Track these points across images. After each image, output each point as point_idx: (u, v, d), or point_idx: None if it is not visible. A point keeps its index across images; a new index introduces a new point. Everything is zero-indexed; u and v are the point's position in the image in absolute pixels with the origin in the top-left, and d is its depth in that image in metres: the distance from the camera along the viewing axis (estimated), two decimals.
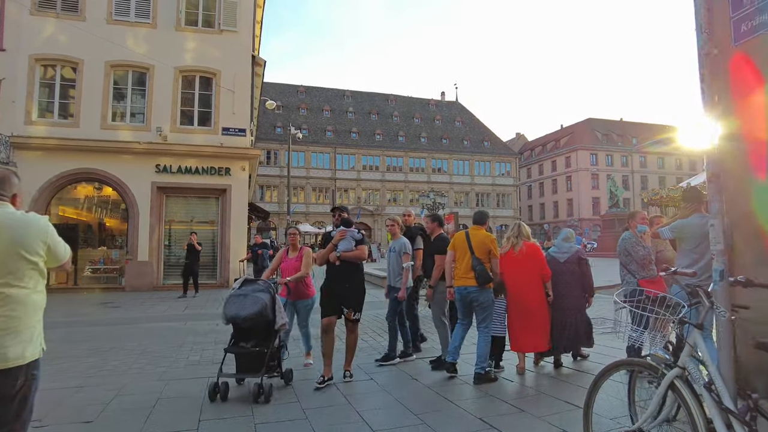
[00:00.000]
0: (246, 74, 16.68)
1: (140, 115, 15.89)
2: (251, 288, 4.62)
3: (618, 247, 5.01)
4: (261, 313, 4.36)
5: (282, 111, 56.78)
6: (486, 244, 4.98)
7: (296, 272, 5.29)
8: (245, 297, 4.46)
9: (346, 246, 4.87)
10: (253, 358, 4.42)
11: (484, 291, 4.89)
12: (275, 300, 4.55)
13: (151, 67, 15.67)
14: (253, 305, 4.37)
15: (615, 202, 37.97)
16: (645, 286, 4.59)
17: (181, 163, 15.75)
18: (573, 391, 4.46)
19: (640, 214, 5.03)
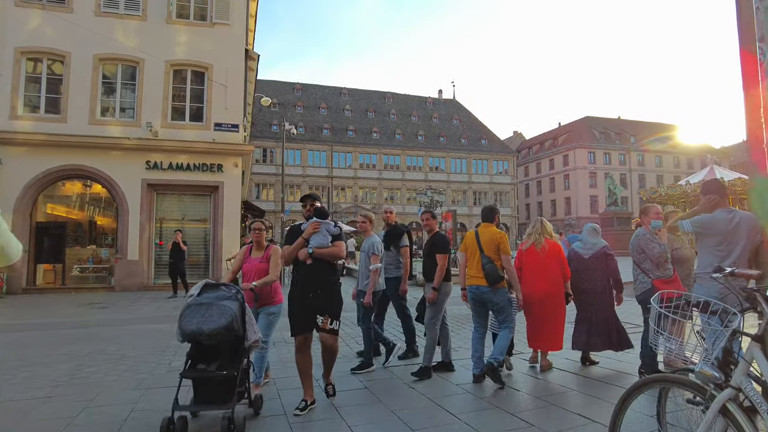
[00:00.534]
0: (239, 68, 16.27)
1: (130, 110, 15.45)
2: (215, 295, 3.62)
3: (631, 244, 4.65)
4: (229, 326, 3.42)
5: (278, 108, 56.27)
6: (495, 241, 4.75)
7: (262, 275, 4.38)
8: (209, 307, 3.48)
9: (320, 241, 3.98)
10: (218, 384, 3.48)
11: (498, 291, 4.71)
12: (245, 310, 3.67)
13: (141, 60, 15.23)
14: (220, 317, 3.42)
15: (614, 201, 37.69)
16: (660, 286, 4.24)
17: (172, 159, 15.33)
18: (587, 402, 4.10)
19: (654, 208, 4.64)
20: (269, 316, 4.49)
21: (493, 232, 4.85)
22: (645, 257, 4.48)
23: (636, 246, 4.56)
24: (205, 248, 15.71)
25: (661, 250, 4.36)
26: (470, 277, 4.85)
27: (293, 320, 4.01)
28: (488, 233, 4.84)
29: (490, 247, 4.74)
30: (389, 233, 6.00)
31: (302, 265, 4.00)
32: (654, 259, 4.38)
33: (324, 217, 4.11)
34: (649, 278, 4.39)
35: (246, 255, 4.64)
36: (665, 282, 4.30)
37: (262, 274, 4.40)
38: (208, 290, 3.69)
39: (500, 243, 4.75)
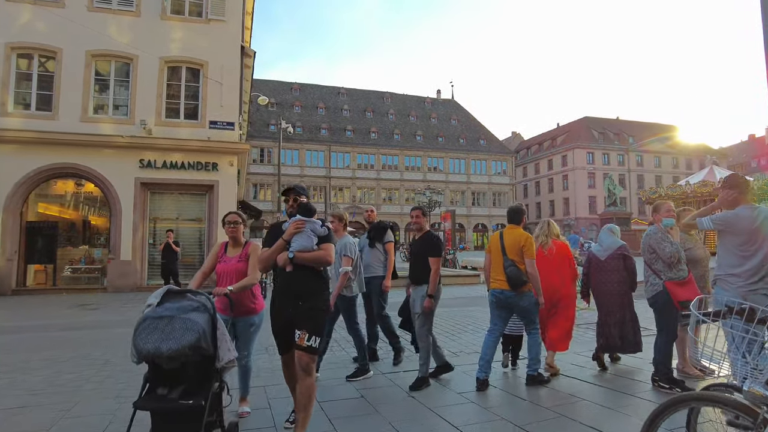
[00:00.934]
0: (235, 65, 15.98)
1: (123, 107, 15.14)
2: (179, 305, 2.84)
3: (642, 243, 4.38)
4: (196, 345, 2.71)
5: (276, 108, 56.00)
6: (519, 244, 4.60)
7: (240, 277, 3.73)
8: (171, 320, 2.73)
9: (303, 244, 3.28)
10: (182, 416, 2.77)
11: (523, 295, 4.56)
12: (216, 323, 2.90)
13: (135, 57, 14.93)
14: (184, 333, 2.70)
15: (613, 201, 37.49)
16: (672, 289, 3.99)
17: (166, 157, 15.04)
18: (597, 414, 3.83)
19: (666, 205, 4.38)
20: (250, 327, 3.89)
21: (518, 234, 4.68)
22: (656, 257, 4.21)
23: (647, 245, 4.30)
24: (200, 248, 15.42)
25: (673, 249, 4.09)
26: (494, 280, 4.72)
27: (278, 336, 3.38)
28: (513, 235, 4.69)
29: (514, 249, 4.59)
30: (373, 229, 5.82)
31: (282, 273, 3.32)
32: (666, 259, 4.12)
33: (309, 214, 3.41)
34: (660, 280, 4.13)
35: (220, 253, 3.96)
36: (679, 284, 4.04)
37: (240, 276, 3.73)
38: (171, 299, 2.91)
39: (524, 246, 4.59)
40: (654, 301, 4.22)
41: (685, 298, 3.95)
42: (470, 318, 8.49)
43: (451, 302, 10.92)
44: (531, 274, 4.53)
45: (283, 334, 3.29)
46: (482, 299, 11.27)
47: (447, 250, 22.29)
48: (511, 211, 4.88)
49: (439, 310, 9.45)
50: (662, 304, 4.14)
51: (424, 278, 4.62)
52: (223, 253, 3.95)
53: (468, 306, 10.27)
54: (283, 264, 3.25)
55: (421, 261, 4.70)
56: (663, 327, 4.18)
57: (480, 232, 60.73)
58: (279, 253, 3.29)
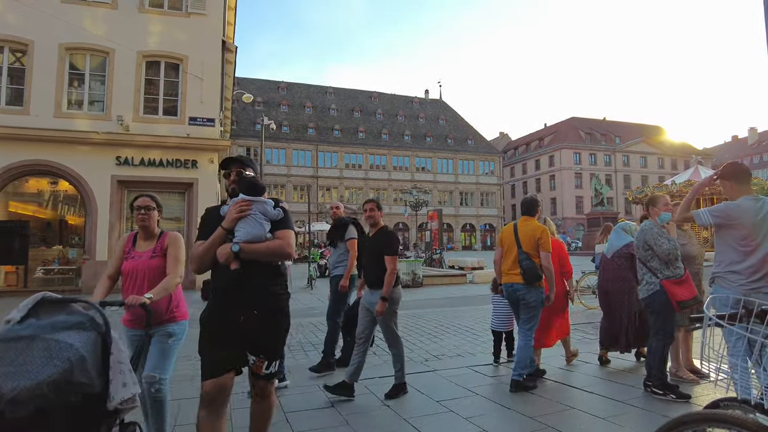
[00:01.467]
0: (215, 60, 15.56)
1: (99, 103, 14.64)
2: (49, 322, 1.81)
3: (636, 239, 4.11)
4: (62, 380, 1.66)
5: (263, 107, 55.38)
6: (534, 236, 4.42)
7: (156, 278, 2.92)
8: (29, 344, 1.71)
9: (252, 232, 2.46)
10: None
11: (533, 289, 4.37)
12: (108, 345, 1.87)
13: (112, 51, 14.44)
14: (46, 363, 1.67)
15: (600, 201, 37.56)
16: (670, 288, 3.72)
17: (143, 155, 14.57)
18: (589, 426, 3.55)
19: (663, 199, 4.11)
20: (168, 340, 2.93)
21: (534, 226, 4.50)
22: (652, 254, 3.93)
23: (642, 241, 4.01)
24: None
25: (671, 246, 3.82)
26: (506, 274, 4.54)
27: (206, 357, 2.44)
28: (528, 227, 4.49)
29: (530, 242, 4.40)
30: (334, 226, 5.49)
31: (224, 272, 2.45)
32: (663, 256, 3.85)
33: (255, 191, 2.55)
34: (657, 278, 3.85)
35: (127, 248, 3.10)
36: (676, 283, 3.78)
37: (154, 276, 2.92)
38: (42, 312, 1.88)
39: (540, 238, 4.40)
40: (650, 301, 3.93)
41: (683, 297, 3.68)
42: (455, 319, 8.20)
43: (436, 303, 10.65)
44: (546, 268, 4.36)
45: (219, 346, 2.42)
46: (469, 299, 11.03)
47: (434, 249, 22.05)
48: (526, 202, 4.70)
49: (423, 311, 9.30)
50: (659, 305, 3.86)
51: (380, 279, 4.18)
52: (131, 247, 3.09)
53: (454, 306, 10.00)
54: (225, 260, 2.40)
55: (376, 259, 4.24)
56: (659, 329, 3.91)
57: (468, 232, 60.68)
58: (218, 246, 2.43)
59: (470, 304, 10.27)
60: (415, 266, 14.31)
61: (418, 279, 14.06)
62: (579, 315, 8.32)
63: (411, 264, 14.44)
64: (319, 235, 43.90)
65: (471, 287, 14.03)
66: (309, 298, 12.12)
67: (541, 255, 4.37)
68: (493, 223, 61.67)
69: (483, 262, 20.89)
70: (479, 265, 20.40)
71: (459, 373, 4.85)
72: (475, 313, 8.81)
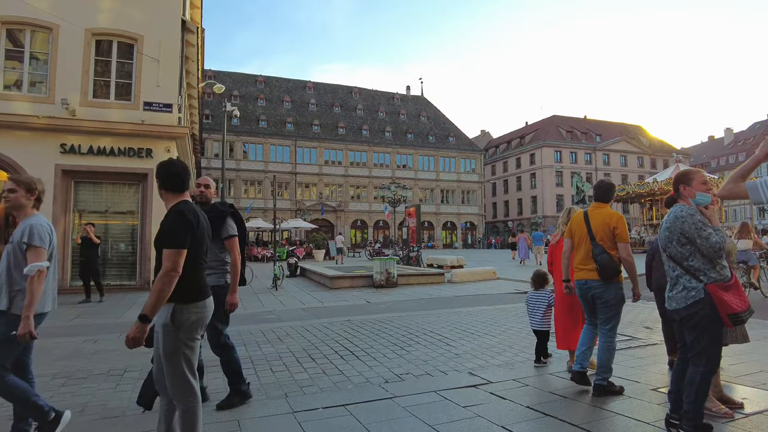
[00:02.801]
0: (174, 41, 14.28)
1: (41, 84, 13.25)
2: None
3: (666, 230, 3.06)
4: None
5: (239, 101, 53.81)
6: (609, 225, 3.91)
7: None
8: None
9: None
10: None
11: (610, 286, 3.87)
12: None
13: (56, 27, 13.05)
14: None
15: (581, 198, 37.04)
16: (718, 295, 2.74)
17: (92, 142, 13.23)
18: None
19: (699, 174, 3.08)
20: None
21: (607, 213, 3.99)
22: (693, 250, 2.92)
23: (677, 233, 2.96)
24: (132, 245, 13.68)
25: (720, 239, 2.81)
26: (577, 269, 4.05)
27: None
28: (600, 215, 3.99)
29: (604, 231, 3.91)
30: (211, 215, 3.65)
31: None
32: (710, 252, 2.84)
33: None
34: (700, 282, 2.86)
35: None
36: (724, 288, 2.80)
37: None
38: None
39: (616, 227, 3.89)
40: (690, 314, 2.90)
41: (736, 308, 2.71)
42: (428, 325, 7.20)
43: (409, 305, 9.65)
44: (626, 260, 3.85)
45: None
46: (446, 301, 10.04)
47: (411, 247, 21.09)
48: (599, 187, 4.18)
49: (392, 315, 8.26)
50: (703, 319, 2.85)
51: None
52: None
53: (428, 309, 8.98)
54: None
55: None
56: (701, 352, 2.90)
57: (449, 230, 60.05)
58: None
59: (447, 306, 9.30)
60: (389, 264, 13.30)
61: (392, 278, 13.06)
62: None
63: (385, 262, 13.43)
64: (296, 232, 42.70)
65: (449, 287, 13.08)
66: (271, 300, 11.02)
67: (619, 246, 3.87)
68: (474, 221, 61.13)
69: (462, 260, 19.97)
70: (458, 264, 19.49)
71: (424, 402, 3.83)
72: (452, 318, 7.83)
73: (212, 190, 4.02)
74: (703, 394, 2.89)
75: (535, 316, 4.93)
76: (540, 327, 4.88)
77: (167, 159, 2.71)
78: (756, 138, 74.93)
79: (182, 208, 2.58)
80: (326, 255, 29.87)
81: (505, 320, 7.55)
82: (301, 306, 9.89)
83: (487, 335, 6.42)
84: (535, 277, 5.09)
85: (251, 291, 12.52)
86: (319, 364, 5.07)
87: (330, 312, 8.95)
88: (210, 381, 4.46)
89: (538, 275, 5.06)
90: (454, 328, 6.90)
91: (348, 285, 13.24)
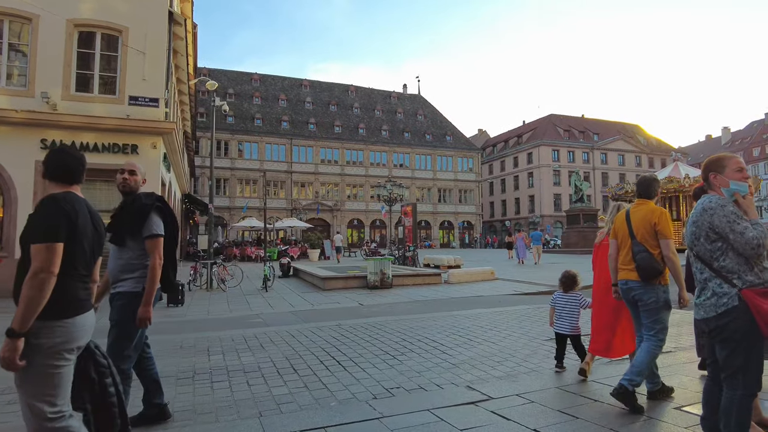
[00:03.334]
0: (161, 33, 13.76)
1: (21, 77, 12.71)
2: None
3: (692, 225, 2.58)
4: None
5: (234, 99, 53.25)
6: (650, 222, 3.59)
7: None
8: None
9: None
10: None
11: (651, 287, 3.54)
12: None
13: (35, 17, 12.52)
14: None
15: (580, 197, 36.67)
16: (756, 302, 2.27)
17: (75, 138, 12.69)
18: None
19: (734, 161, 2.59)
20: None
21: (648, 209, 3.65)
22: (725, 248, 2.44)
23: (706, 227, 2.49)
24: None
25: (759, 233, 2.33)
26: (620, 269, 3.79)
27: None
28: (642, 212, 3.67)
29: (644, 229, 3.60)
30: (123, 209, 3.19)
31: None
32: (747, 250, 2.36)
33: None
34: (734, 288, 2.38)
35: None
36: (764, 294, 2.31)
37: None
38: None
39: (658, 223, 3.57)
40: (723, 324, 2.40)
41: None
42: (423, 330, 6.72)
43: (404, 308, 9.17)
44: (669, 258, 3.50)
45: None
46: (444, 303, 9.54)
47: (407, 246, 20.62)
48: (641, 182, 3.85)
49: (386, 318, 7.77)
50: (738, 330, 2.36)
51: None
52: None
53: (424, 312, 8.51)
54: None
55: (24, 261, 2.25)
56: (737, 371, 2.41)
57: (446, 230, 59.62)
58: None
59: (443, 309, 8.83)
60: (384, 265, 12.82)
61: (387, 279, 12.58)
62: None
63: (380, 262, 12.95)
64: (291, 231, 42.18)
65: (446, 288, 12.61)
66: (259, 302, 10.52)
67: (661, 243, 3.55)
68: (471, 220, 60.72)
69: (460, 260, 19.51)
70: (456, 263, 19.03)
71: (416, 423, 3.35)
72: (448, 322, 7.35)
73: (138, 177, 3.30)
74: (744, 424, 2.41)
75: (563, 319, 4.62)
76: (568, 331, 4.58)
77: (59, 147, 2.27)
78: (753, 137, 74.81)
79: (57, 195, 2.13)
80: (321, 255, 29.36)
81: (505, 324, 7.07)
82: (290, 309, 9.40)
83: (487, 342, 5.94)
84: (564, 278, 4.75)
85: (240, 293, 12.03)
86: (301, 376, 4.58)
87: (320, 315, 8.46)
88: (176, 396, 3.98)
89: (568, 276, 4.74)
90: (450, 334, 6.42)
91: (341, 286, 12.75)
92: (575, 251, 32.56)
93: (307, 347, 5.76)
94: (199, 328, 7.34)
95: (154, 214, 3.15)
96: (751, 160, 70.93)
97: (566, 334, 4.58)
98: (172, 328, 7.51)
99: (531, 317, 7.68)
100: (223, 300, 10.85)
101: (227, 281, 13.05)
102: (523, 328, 6.78)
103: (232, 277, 13.31)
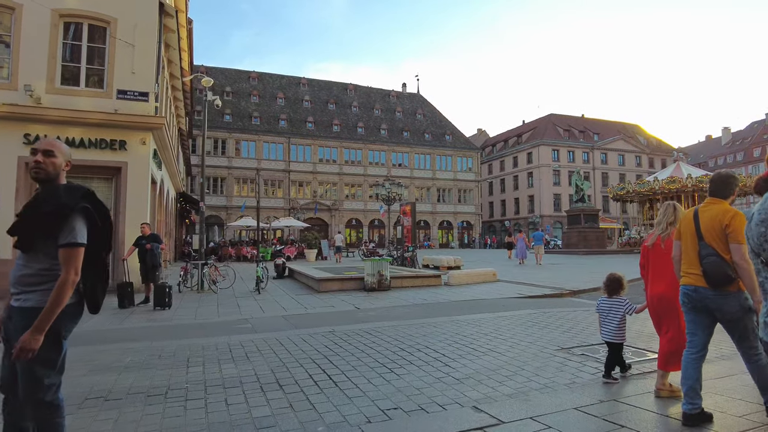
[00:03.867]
0: (150, 25, 13.27)
1: (3, 69, 12.20)
2: None
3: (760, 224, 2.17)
4: None
5: (232, 97, 52.73)
6: (721, 223, 3.17)
7: None
8: None
9: None
10: None
11: (728, 296, 3.12)
12: None
13: (18, 6, 12.01)
14: None
15: (580, 197, 36.23)
16: None
17: (60, 133, 12.17)
18: None
19: None
20: None
21: (720, 210, 3.22)
22: None
23: None
24: None
25: None
26: (685, 274, 3.41)
27: None
28: (712, 212, 3.25)
29: (714, 230, 3.20)
30: (32, 206, 2.42)
31: None
32: None
33: None
34: None
35: None
36: None
37: None
38: None
39: (729, 225, 3.13)
40: None
41: None
42: (423, 338, 6.23)
43: (402, 312, 8.67)
44: (740, 265, 3.05)
45: None
46: (444, 307, 9.03)
47: (406, 247, 20.13)
48: (715, 179, 3.39)
49: (383, 324, 7.28)
50: None
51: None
52: None
53: (424, 317, 8.00)
54: None
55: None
56: None
57: (445, 230, 59.16)
58: None
59: (444, 314, 8.34)
60: (382, 266, 12.32)
61: (385, 281, 12.09)
62: None
63: (377, 263, 12.44)
64: (289, 231, 41.65)
65: (446, 290, 12.12)
66: (250, 305, 10.02)
67: (731, 248, 3.13)
68: (470, 220, 60.26)
69: (460, 260, 19.04)
70: (456, 264, 18.55)
71: None
72: (450, 328, 6.86)
73: (59, 160, 2.44)
74: None
75: (608, 325, 4.33)
76: (614, 339, 4.29)
77: None
78: (753, 137, 74.46)
79: None
80: (318, 255, 28.85)
81: (511, 332, 6.58)
82: (283, 313, 8.89)
83: (492, 351, 5.45)
84: (608, 281, 4.42)
85: (231, 295, 11.52)
86: (287, 393, 4.08)
87: (313, 320, 7.96)
88: (142, 419, 3.47)
89: (613, 280, 4.40)
90: (452, 342, 5.93)
91: (337, 288, 12.25)
92: (576, 252, 32.11)
93: (296, 358, 5.26)
94: (183, 335, 6.84)
95: (77, 218, 2.34)
96: (751, 160, 70.60)
97: (617, 343, 4.29)
98: (154, 333, 7.02)
99: (538, 323, 7.19)
100: (213, 302, 10.35)
101: (219, 282, 12.55)
102: (531, 335, 6.29)
103: (224, 278, 12.80)
